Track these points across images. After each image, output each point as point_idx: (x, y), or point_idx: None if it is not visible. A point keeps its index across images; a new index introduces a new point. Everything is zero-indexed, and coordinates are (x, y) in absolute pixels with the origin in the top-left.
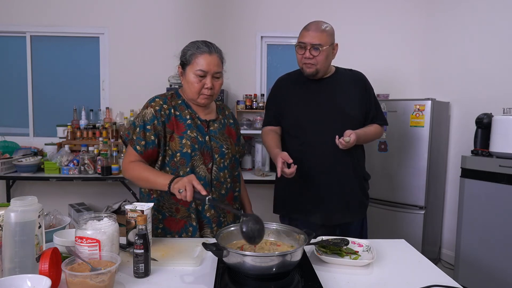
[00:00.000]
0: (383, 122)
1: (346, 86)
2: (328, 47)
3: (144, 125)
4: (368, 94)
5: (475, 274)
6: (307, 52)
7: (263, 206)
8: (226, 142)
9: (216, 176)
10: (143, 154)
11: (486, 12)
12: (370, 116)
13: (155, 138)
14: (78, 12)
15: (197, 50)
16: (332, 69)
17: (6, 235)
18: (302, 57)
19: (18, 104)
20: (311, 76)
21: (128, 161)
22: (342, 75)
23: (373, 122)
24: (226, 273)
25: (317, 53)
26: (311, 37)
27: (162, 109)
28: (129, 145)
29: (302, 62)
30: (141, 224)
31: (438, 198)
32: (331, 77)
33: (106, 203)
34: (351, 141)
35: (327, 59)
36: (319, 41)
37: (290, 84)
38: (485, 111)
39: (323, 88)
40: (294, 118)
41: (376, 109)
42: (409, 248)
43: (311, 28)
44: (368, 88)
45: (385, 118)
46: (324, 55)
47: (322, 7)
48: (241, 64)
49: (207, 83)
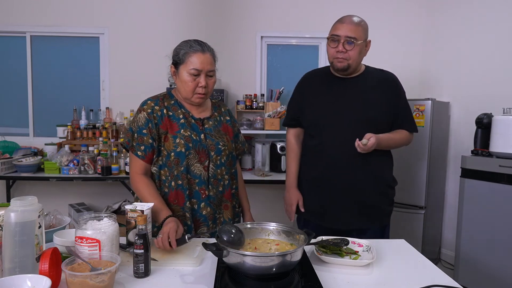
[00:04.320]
0: (412, 129)
1: (374, 86)
2: (362, 42)
3: (140, 129)
4: (398, 97)
5: (475, 274)
6: (340, 46)
7: (263, 206)
8: (222, 139)
9: (213, 173)
10: (145, 158)
11: (486, 12)
12: (399, 121)
13: (152, 141)
14: (78, 12)
15: (190, 49)
16: (362, 67)
17: (6, 235)
18: (334, 50)
19: (18, 104)
20: (341, 71)
21: (135, 173)
22: (371, 74)
23: (401, 127)
24: (226, 273)
25: (350, 47)
26: (346, 30)
27: (154, 111)
28: (131, 152)
29: (334, 56)
30: (141, 224)
31: (438, 198)
32: (359, 76)
33: (106, 203)
34: (368, 144)
35: (360, 55)
36: (354, 34)
37: (315, 80)
38: (485, 111)
39: (349, 87)
40: (313, 116)
41: (406, 114)
42: (409, 248)
43: (346, 21)
44: (398, 91)
45: (415, 124)
46: (358, 50)
47: (323, 7)
48: (241, 64)
49: (201, 81)
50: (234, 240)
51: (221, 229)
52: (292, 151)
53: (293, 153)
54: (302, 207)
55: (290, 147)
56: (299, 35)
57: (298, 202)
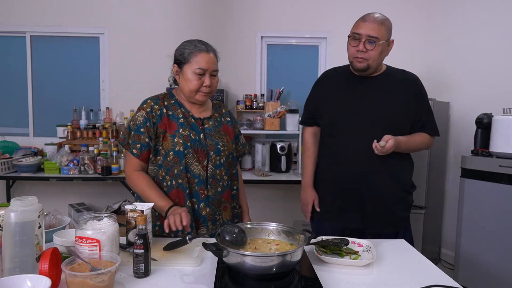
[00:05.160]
0: (433, 132)
1: (395, 87)
2: (384, 42)
3: (137, 128)
4: (420, 99)
5: (475, 274)
6: (361, 45)
7: (263, 206)
8: (221, 140)
9: (212, 173)
10: (141, 157)
11: (486, 13)
12: (420, 123)
13: (149, 140)
14: (78, 12)
15: (195, 48)
16: (383, 67)
17: (6, 235)
18: (354, 49)
19: (18, 104)
20: (360, 71)
21: (131, 169)
22: (392, 75)
23: (422, 130)
24: (226, 273)
25: (371, 47)
26: (368, 29)
27: (153, 110)
28: (126, 150)
29: (354, 55)
30: (141, 224)
31: (438, 198)
32: (380, 76)
33: (106, 203)
34: (386, 146)
35: (381, 55)
36: (376, 34)
37: (334, 79)
38: (485, 111)
39: (369, 87)
40: (331, 115)
41: (427, 117)
42: (409, 248)
43: (368, 19)
44: (420, 93)
45: (436, 128)
46: (379, 50)
47: (323, 8)
48: (241, 64)
49: (205, 81)
50: (236, 240)
51: (224, 229)
52: (308, 150)
53: (309, 152)
54: (317, 207)
55: (307, 146)
56: (299, 35)
57: (314, 201)
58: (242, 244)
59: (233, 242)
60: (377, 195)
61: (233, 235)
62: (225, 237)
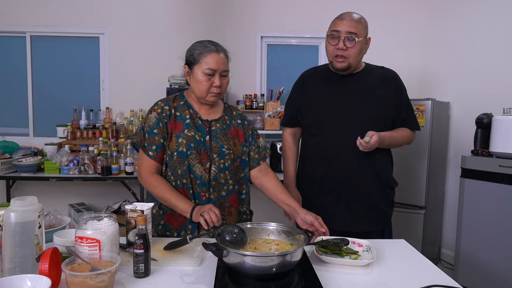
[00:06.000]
0: (414, 127)
1: (375, 84)
2: (362, 39)
3: (151, 129)
4: (400, 95)
5: (475, 274)
6: (341, 43)
7: (263, 206)
8: (228, 142)
9: (215, 176)
10: (157, 158)
11: (486, 12)
12: (400, 118)
13: (163, 140)
14: (78, 12)
15: (205, 49)
16: (362, 65)
17: (6, 235)
18: (334, 48)
19: (18, 104)
20: (341, 71)
21: (147, 172)
22: (372, 72)
23: (403, 125)
24: (226, 273)
25: (351, 45)
26: (346, 26)
27: (164, 111)
28: (142, 151)
29: (334, 54)
30: (141, 224)
31: (438, 198)
32: (360, 74)
33: (106, 203)
34: (371, 142)
35: (360, 53)
36: (354, 30)
37: (314, 78)
38: (485, 111)
39: (349, 85)
40: (313, 116)
41: (408, 112)
42: (409, 248)
43: (346, 17)
44: (400, 89)
45: (417, 122)
46: (358, 47)
47: (323, 7)
48: (241, 64)
49: (215, 81)
50: (236, 240)
51: (224, 229)
52: (289, 150)
53: (290, 151)
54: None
55: (287, 146)
56: (299, 35)
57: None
58: (242, 244)
59: (233, 242)
60: (363, 191)
61: (233, 235)
62: (225, 237)
